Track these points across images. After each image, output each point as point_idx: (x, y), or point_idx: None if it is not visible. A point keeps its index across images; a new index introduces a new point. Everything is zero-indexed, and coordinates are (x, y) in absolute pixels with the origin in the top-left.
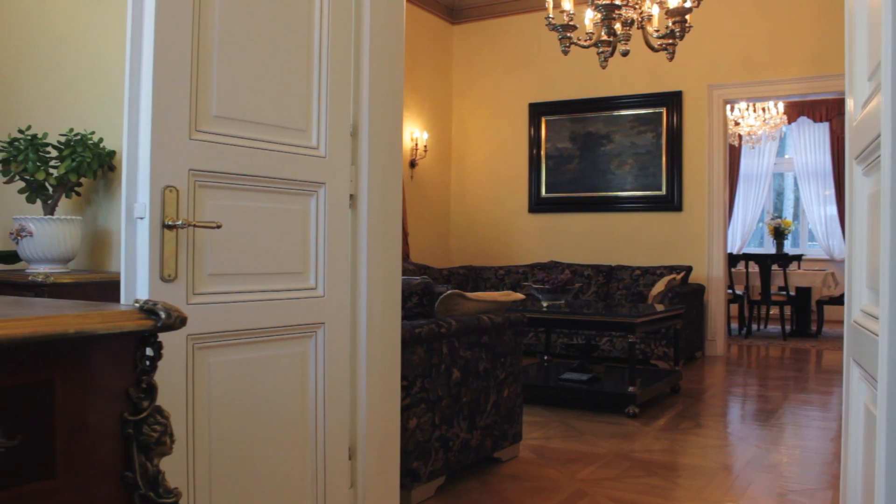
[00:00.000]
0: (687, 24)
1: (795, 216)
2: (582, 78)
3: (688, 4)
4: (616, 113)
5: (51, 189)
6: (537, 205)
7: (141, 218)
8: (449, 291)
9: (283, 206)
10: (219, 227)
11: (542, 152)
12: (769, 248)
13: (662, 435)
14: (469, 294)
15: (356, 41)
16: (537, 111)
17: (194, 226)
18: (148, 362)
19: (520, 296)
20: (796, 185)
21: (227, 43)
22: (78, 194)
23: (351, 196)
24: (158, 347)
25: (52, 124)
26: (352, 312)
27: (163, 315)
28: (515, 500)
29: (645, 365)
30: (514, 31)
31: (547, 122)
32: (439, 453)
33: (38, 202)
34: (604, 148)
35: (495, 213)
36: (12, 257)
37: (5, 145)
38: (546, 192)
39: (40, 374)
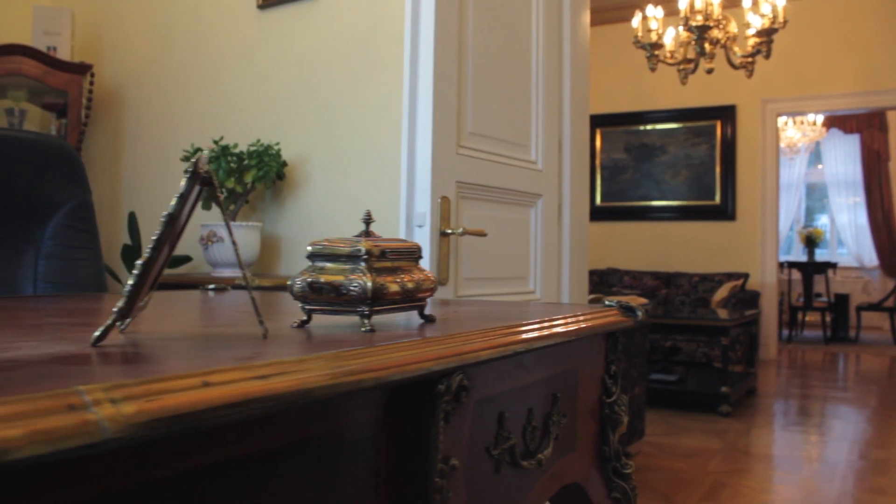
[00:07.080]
0: (773, 43)
1: (808, 224)
2: (636, 91)
3: (773, 26)
4: (670, 125)
5: (223, 195)
6: (593, 213)
7: (420, 226)
8: (592, 296)
9: (514, 216)
10: (485, 235)
11: (598, 162)
12: (798, 255)
13: (762, 432)
14: (606, 298)
15: (559, 63)
16: (592, 122)
17: (467, 233)
18: (611, 353)
19: (644, 300)
20: (808, 194)
21: (477, 71)
22: (247, 201)
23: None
24: (617, 339)
25: (236, 135)
26: None
27: (639, 313)
28: (664, 491)
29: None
30: None
31: (602, 133)
32: None
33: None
34: (658, 159)
35: None
36: (184, 260)
37: (189, 154)
38: (601, 201)
39: (570, 364)
